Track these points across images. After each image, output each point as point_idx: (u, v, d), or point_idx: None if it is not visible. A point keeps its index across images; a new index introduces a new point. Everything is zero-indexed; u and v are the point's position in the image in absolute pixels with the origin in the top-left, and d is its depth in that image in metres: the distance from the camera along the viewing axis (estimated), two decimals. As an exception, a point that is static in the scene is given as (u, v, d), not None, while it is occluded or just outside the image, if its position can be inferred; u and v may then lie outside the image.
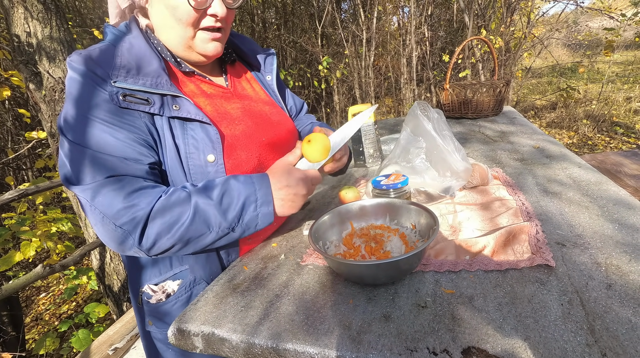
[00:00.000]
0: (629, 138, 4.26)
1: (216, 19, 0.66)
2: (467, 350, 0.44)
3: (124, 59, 0.62)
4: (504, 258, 0.61)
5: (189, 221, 0.60)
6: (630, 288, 0.51)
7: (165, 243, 0.61)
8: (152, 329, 0.75)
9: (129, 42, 0.65)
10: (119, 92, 0.60)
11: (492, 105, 1.69)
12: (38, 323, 3.09)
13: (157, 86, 0.63)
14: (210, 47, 0.69)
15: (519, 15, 4.49)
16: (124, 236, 0.59)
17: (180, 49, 0.69)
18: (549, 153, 1.12)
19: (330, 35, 5.64)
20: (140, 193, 0.59)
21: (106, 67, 0.60)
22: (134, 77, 0.61)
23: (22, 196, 1.54)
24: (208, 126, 0.67)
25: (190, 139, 0.66)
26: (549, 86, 6.99)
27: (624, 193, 0.79)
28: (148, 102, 0.62)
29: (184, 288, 0.72)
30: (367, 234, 0.69)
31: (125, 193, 0.58)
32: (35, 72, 1.91)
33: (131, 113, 0.62)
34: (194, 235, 0.61)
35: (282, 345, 0.50)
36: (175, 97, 0.65)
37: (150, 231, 0.59)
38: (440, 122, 0.89)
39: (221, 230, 0.63)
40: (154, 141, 0.64)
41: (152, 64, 0.64)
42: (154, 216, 0.59)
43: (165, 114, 0.64)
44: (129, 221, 0.58)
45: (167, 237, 0.60)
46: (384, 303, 0.55)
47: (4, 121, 3.86)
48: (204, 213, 0.61)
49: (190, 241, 0.62)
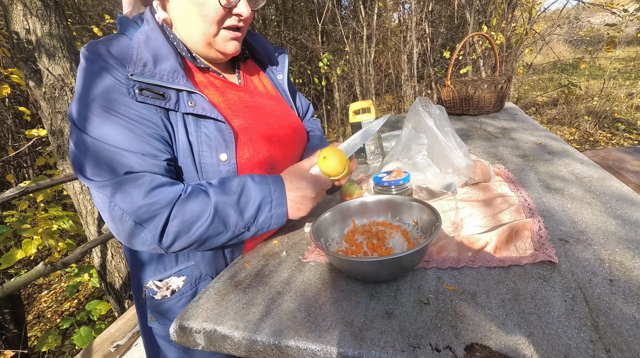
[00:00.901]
0: (631, 134, 4.25)
1: (239, 19, 0.67)
2: (470, 347, 0.44)
3: (141, 52, 0.61)
4: (506, 254, 0.61)
5: (209, 221, 0.60)
6: (634, 284, 0.50)
7: (184, 242, 0.61)
8: (154, 325, 0.75)
9: (146, 34, 0.64)
10: (136, 86, 0.59)
11: (494, 101, 1.68)
12: (40, 320, 3.11)
13: (174, 81, 0.62)
14: (230, 45, 0.69)
15: (520, 11, 4.47)
16: (144, 233, 0.58)
17: (200, 46, 0.69)
18: (551, 149, 1.12)
19: (331, 32, 5.62)
20: (160, 190, 0.59)
21: (123, 60, 0.60)
22: (150, 71, 0.61)
23: (23, 194, 1.54)
24: (222, 124, 0.66)
25: (203, 137, 0.65)
26: (550, 82, 6.96)
27: (627, 189, 0.78)
28: (164, 97, 0.62)
29: (189, 284, 0.72)
30: (369, 231, 0.68)
31: (146, 189, 0.58)
32: (34, 69, 1.91)
33: (148, 108, 0.61)
34: (212, 233, 0.62)
35: (284, 342, 0.50)
36: (191, 94, 0.64)
37: (170, 229, 0.59)
38: (441, 119, 0.88)
39: (237, 229, 0.63)
40: (169, 137, 0.64)
41: (169, 58, 0.63)
42: (175, 214, 0.59)
43: (180, 109, 0.63)
44: (149, 219, 0.57)
45: (187, 236, 0.60)
46: (386, 300, 0.55)
47: (4, 119, 3.86)
48: (223, 213, 0.61)
49: (208, 240, 0.62)
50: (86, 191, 2.15)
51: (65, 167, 2.09)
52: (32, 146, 3.48)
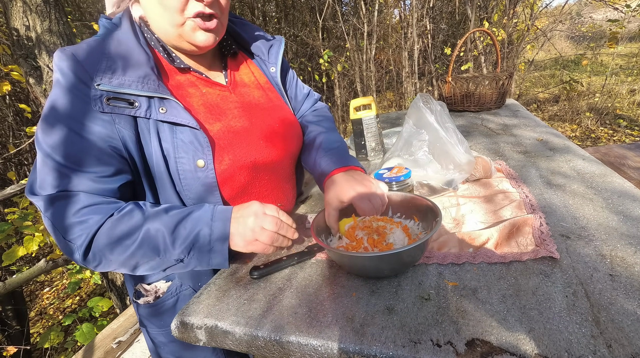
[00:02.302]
0: (632, 130, 4.23)
1: (205, 3, 0.61)
2: (471, 342, 0.44)
3: (111, 58, 0.59)
4: (507, 250, 0.61)
5: (135, 246, 0.58)
6: (635, 279, 0.50)
7: (110, 263, 0.59)
8: (142, 325, 0.77)
9: (117, 38, 0.62)
10: (103, 96, 0.57)
11: (495, 98, 1.67)
12: (42, 317, 3.12)
13: (144, 87, 0.59)
14: (200, 36, 0.64)
15: (522, 7, 4.44)
16: (71, 249, 0.58)
17: (172, 39, 0.65)
18: (553, 145, 1.11)
19: (331, 28, 5.59)
20: (93, 208, 0.57)
21: (90, 69, 0.57)
22: (119, 78, 0.58)
23: (24, 191, 1.54)
24: (197, 131, 0.63)
25: (179, 142, 0.63)
26: (551, 79, 6.93)
27: (628, 185, 0.78)
28: (133, 105, 0.59)
29: (170, 292, 0.73)
30: (370, 226, 0.68)
31: (78, 208, 0.57)
32: (35, 66, 1.91)
33: (109, 124, 0.59)
34: (141, 259, 0.60)
35: (285, 337, 0.50)
36: (163, 100, 0.61)
37: (95, 248, 0.58)
38: (443, 115, 0.88)
39: (168, 260, 0.60)
40: (135, 150, 0.62)
41: (139, 62, 0.60)
42: (100, 235, 0.57)
43: (152, 117, 0.61)
44: (76, 238, 0.57)
45: (111, 258, 0.59)
46: (387, 295, 0.55)
47: (5, 117, 3.86)
48: (154, 240, 0.59)
49: (139, 265, 0.60)
50: (87, 189, 2.16)
51: (66, 164, 2.09)
52: (33, 144, 3.48)
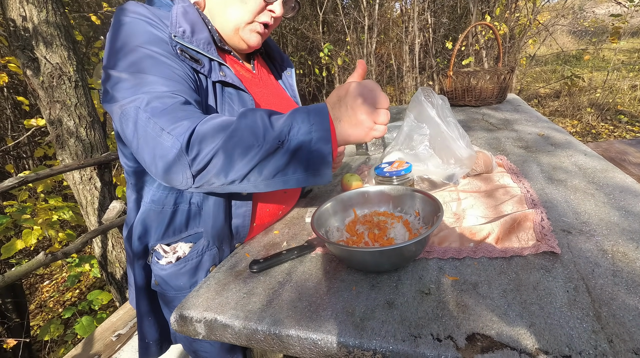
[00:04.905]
0: (634, 126, 4.22)
1: (271, 17, 0.72)
2: (471, 337, 0.44)
3: (180, 20, 0.65)
4: (508, 245, 0.61)
5: (233, 128, 0.54)
6: (637, 275, 0.50)
7: (208, 153, 0.54)
8: (157, 289, 0.75)
9: (184, 8, 0.67)
10: (177, 46, 0.63)
11: (496, 92, 1.66)
12: (42, 310, 3.13)
13: (208, 51, 0.67)
14: (254, 37, 0.74)
15: (524, 1, 4.40)
16: (169, 144, 0.54)
17: (228, 29, 0.72)
18: (554, 140, 1.11)
19: (332, 22, 5.55)
20: (195, 108, 0.60)
21: (164, 21, 0.64)
22: (189, 38, 0.65)
23: (22, 184, 1.53)
24: (246, 94, 0.70)
25: (227, 106, 0.70)
26: (553, 74, 6.90)
27: (630, 181, 0.78)
28: (199, 62, 0.66)
29: (195, 251, 0.72)
30: (371, 221, 0.68)
31: (183, 103, 0.58)
32: (32, 58, 1.88)
33: (188, 67, 0.64)
34: (239, 143, 0.54)
35: (284, 331, 0.49)
36: (221, 65, 0.69)
37: (195, 137, 0.54)
38: (444, 109, 0.87)
39: (267, 141, 0.53)
40: (200, 99, 0.66)
41: (203, 32, 0.68)
42: (202, 124, 0.55)
43: (212, 77, 0.67)
44: (179, 126, 0.54)
45: (212, 145, 0.54)
46: (388, 290, 0.54)
47: (3, 109, 3.84)
48: (251, 121, 0.55)
49: (235, 153, 0.54)
50: (86, 181, 2.15)
51: (64, 157, 2.08)
52: (32, 136, 3.47)
